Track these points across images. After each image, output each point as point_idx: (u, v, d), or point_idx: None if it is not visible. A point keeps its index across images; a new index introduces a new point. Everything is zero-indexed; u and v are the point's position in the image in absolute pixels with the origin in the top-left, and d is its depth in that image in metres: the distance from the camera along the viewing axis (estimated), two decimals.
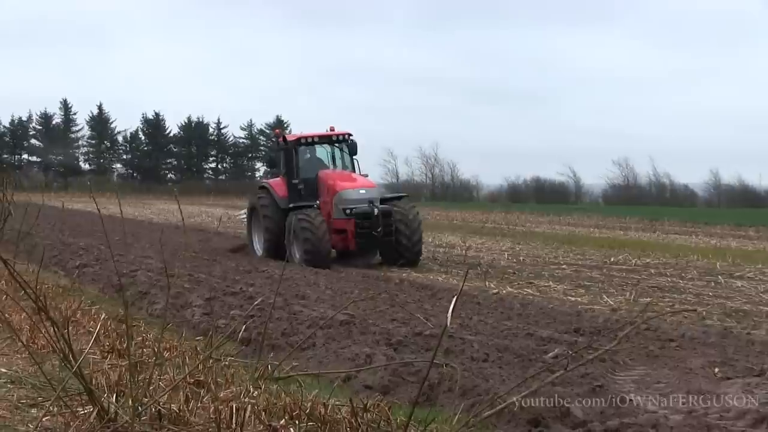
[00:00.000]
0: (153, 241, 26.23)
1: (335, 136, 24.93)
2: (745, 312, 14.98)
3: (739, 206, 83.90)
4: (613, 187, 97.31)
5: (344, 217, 22.43)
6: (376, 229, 22.04)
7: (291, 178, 24.05)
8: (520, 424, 7.47)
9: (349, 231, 22.41)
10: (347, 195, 22.70)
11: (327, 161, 25.41)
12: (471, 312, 14.03)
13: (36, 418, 6.56)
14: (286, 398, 7.07)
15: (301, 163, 24.45)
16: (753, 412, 7.75)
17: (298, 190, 23.79)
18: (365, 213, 22.16)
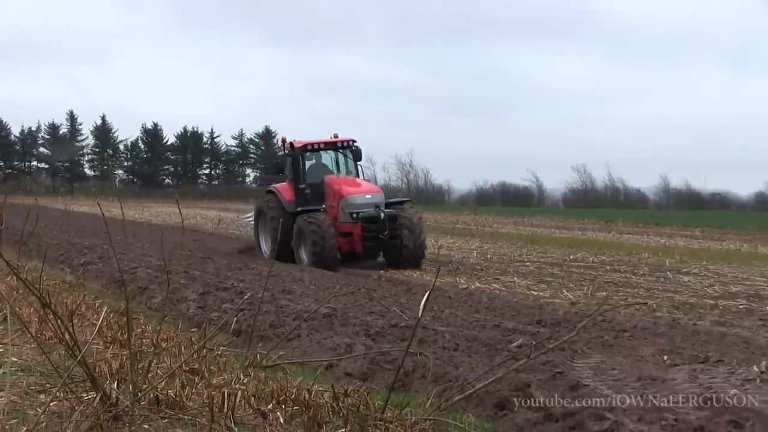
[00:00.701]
0: (152, 241, 26.20)
1: (340, 143, 24.23)
2: (691, 305, 15.06)
3: (685, 208, 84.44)
4: (572, 191, 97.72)
5: (351, 220, 21.76)
6: (383, 232, 21.40)
7: (298, 183, 23.38)
8: (487, 407, 7.49)
9: (355, 234, 21.78)
10: (354, 200, 22.02)
11: (331, 167, 24.58)
12: (443, 305, 14.06)
13: (44, 403, 6.53)
14: (274, 384, 7.07)
15: (307, 169, 23.85)
16: (698, 395, 7.80)
17: (304, 195, 23.13)
18: (372, 217, 21.53)
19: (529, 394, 7.70)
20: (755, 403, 7.63)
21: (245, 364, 7.97)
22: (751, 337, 11.63)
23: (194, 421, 6.09)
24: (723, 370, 9.09)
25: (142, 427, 5.83)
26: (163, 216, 48.71)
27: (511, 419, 7.25)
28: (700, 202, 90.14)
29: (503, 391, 7.66)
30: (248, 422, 6.08)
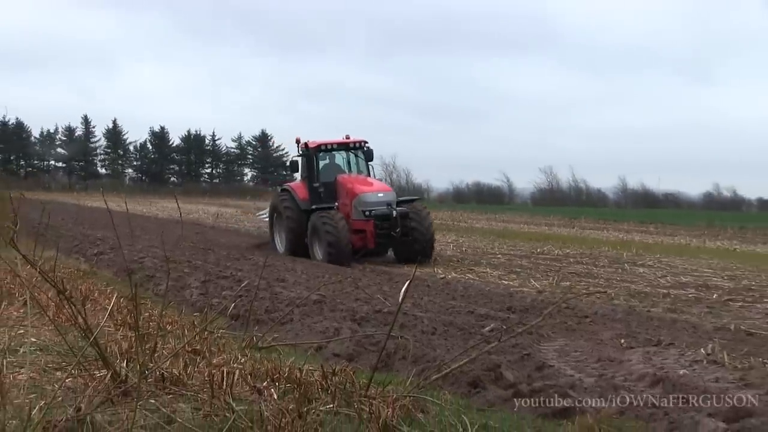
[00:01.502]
0: (158, 234, 26.05)
1: (352, 144, 23.25)
2: (645, 293, 15.13)
3: (641, 207, 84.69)
4: (539, 190, 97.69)
5: (363, 218, 20.70)
6: (395, 229, 20.39)
7: (312, 181, 22.29)
8: (462, 385, 7.51)
9: (368, 231, 20.65)
10: (366, 198, 20.98)
11: (344, 166, 23.43)
12: (422, 293, 14.08)
13: (60, 379, 6.52)
14: (268, 364, 7.07)
15: (320, 168, 22.69)
16: (651, 375, 7.86)
17: (318, 193, 21.98)
18: (385, 215, 20.52)
19: (499, 374, 7.73)
20: (702, 382, 7.69)
21: (242, 345, 7.96)
22: (698, 322, 11.69)
23: (196, 396, 6.09)
24: (674, 352, 9.15)
25: (149, 402, 5.82)
26: (169, 211, 48.46)
27: (483, 396, 7.27)
28: (654, 201, 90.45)
29: (476, 371, 7.69)
30: (245, 398, 6.08)
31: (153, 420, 5.58)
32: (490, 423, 6.03)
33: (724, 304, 13.93)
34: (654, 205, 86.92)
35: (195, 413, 5.76)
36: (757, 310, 13.13)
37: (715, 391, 7.24)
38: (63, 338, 7.04)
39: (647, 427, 6.26)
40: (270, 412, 5.32)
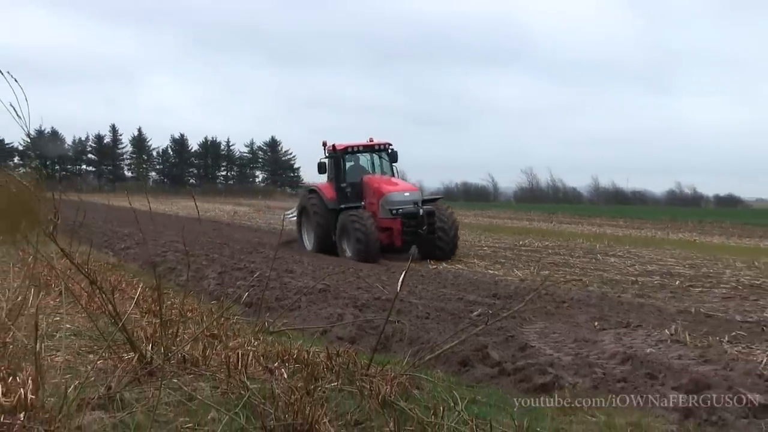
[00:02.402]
0: (179, 230, 26.03)
1: (376, 146, 21.84)
2: (616, 281, 15.13)
3: (612, 203, 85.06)
4: (521, 189, 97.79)
5: (390, 216, 19.38)
6: (421, 227, 19.07)
7: (339, 182, 20.97)
8: (453, 364, 7.52)
9: (395, 229, 19.34)
10: (393, 197, 19.62)
11: (368, 167, 22.04)
12: (416, 282, 14.08)
13: (92, 361, 6.51)
14: (279, 347, 7.07)
15: (347, 169, 21.52)
16: (621, 353, 7.86)
17: (345, 193, 20.74)
18: (412, 213, 19.18)
19: (486, 353, 7.75)
20: (667, 359, 7.70)
21: (255, 330, 7.95)
22: (663, 306, 11.70)
23: (214, 376, 6.09)
24: (641, 333, 9.16)
25: (172, 382, 5.82)
26: (188, 210, 48.39)
27: (471, 374, 7.29)
28: (623, 198, 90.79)
29: (465, 351, 7.70)
30: (258, 377, 6.08)
31: (176, 397, 5.58)
32: (478, 398, 6.04)
33: (685, 289, 13.94)
34: (623, 202, 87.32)
35: (213, 391, 5.76)
36: (715, 295, 13.15)
37: (678, 367, 7.27)
38: (94, 324, 7.04)
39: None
40: (281, 390, 5.32)
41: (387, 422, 5.15)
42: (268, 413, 5.03)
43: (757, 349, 8.25)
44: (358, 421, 5.19)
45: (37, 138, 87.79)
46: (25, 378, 5.30)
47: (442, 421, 5.10)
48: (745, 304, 12.06)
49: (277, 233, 25.55)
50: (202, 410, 5.29)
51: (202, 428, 5.03)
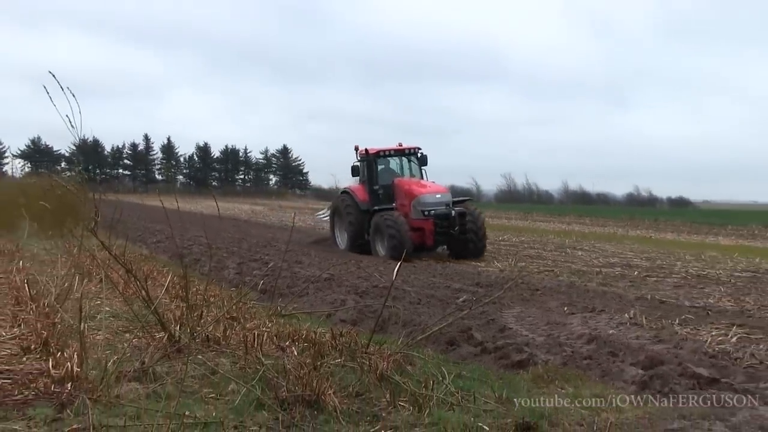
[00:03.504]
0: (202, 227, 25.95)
1: (406, 150, 20.22)
2: (583, 271, 15.13)
3: (579, 204, 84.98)
4: (501, 191, 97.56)
5: (422, 217, 17.83)
6: (454, 228, 17.66)
7: (372, 184, 19.41)
8: (441, 343, 7.52)
9: (426, 229, 17.80)
10: (426, 199, 18.06)
11: (397, 170, 20.39)
12: (409, 273, 14.07)
13: (128, 339, 6.51)
14: (290, 328, 7.08)
15: (378, 172, 19.94)
16: (587, 334, 7.88)
17: (377, 195, 19.20)
18: (444, 214, 17.75)
19: (470, 334, 7.76)
20: (626, 339, 7.72)
21: (269, 313, 7.95)
22: (623, 293, 11.72)
23: (234, 353, 6.10)
24: (604, 316, 9.17)
25: (197, 357, 5.82)
26: (211, 209, 48.12)
27: (457, 352, 7.29)
28: (589, 200, 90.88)
29: (452, 332, 7.71)
30: (272, 354, 6.08)
31: (200, 371, 5.58)
32: (463, 373, 6.05)
33: (642, 279, 13.96)
34: (589, 203, 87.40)
35: (233, 366, 5.77)
36: (667, 284, 13.17)
37: (635, 346, 7.28)
38: (130, 308, 7.04)
39: (584, 374, 6.29)
40: (291, 365, 5.32)
41: (384, 394, 5.16)
42: (280, 385, 5.04)
43: (703, 330, 8.27)
44: (359, 393, 5.21)
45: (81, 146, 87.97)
46: (72, 353, 5.32)
47: (432, 392, 5.11)
48: (693, 291, 12.09)
49: (288, 229, 25.53)
50: (224, 382, 5.29)
51: (224, 398, 5.03)
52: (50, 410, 4.63)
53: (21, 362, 5.78)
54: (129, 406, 4.68)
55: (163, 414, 4.47)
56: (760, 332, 8.10)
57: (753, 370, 6.41)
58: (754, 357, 6.88)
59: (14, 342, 6.48)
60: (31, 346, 6.16)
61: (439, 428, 4.45)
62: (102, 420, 4.40)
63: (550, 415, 4.92)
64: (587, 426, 4.77)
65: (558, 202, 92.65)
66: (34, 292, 8.42)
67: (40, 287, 8.89)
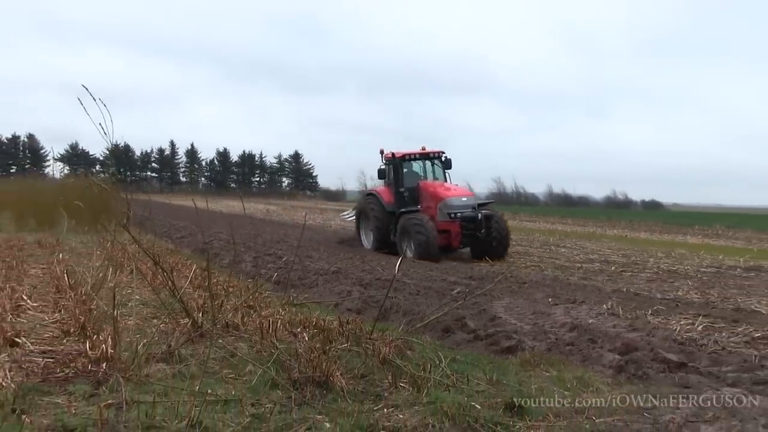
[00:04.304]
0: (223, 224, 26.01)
1: (431, 153, 18.91)
2: (566, 267, 15.13)
3: (562, 205, 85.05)
4: (492, 194, 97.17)
5: (448, 219, 16.61)
6: (480, 230, 16.38)
7: (398, 187, 18.13)
8: (437, 331, 7.53)
9: (452, 231, 16.60)
10: (452, 202, 16.86)
11: (421, 173, 18.96)
12: (409, 266, 14.03)
13: (156, 324, 6.54)
14: (301, 315, 7.08)
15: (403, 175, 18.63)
16: (569, 323, 7.88)
17: (403, 197, 17.98)
18: (471, 217, 16.50)
19: (464, 323, 7.76)
20: (604, 327, 7.72)
21: (282, 302, 7.97)
22: (602, 286, 11.71)
23: (251, 338, 6.11)
24: (585, 307, 9.16)
25: (218, 342, 5.83)
26: (230, 208, 48.16)
27: (453, 339, 7.30)
28: (571, 202, 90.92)
29: (448, 321, 7.71)
30: (285, 339, 6.09)
31: (221, 354, 5.59)
32: (457, 357, 6.06)
33: (619, 273, 13.95)
34: (571, 205, 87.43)
35: (250, 349, 5.78)
36: (641, 278, 13.16)
37: (612, 334, 7.28)
38: (157, 296, 7.06)
39: (567, 359, 6.29)
40: (302, 349, 5.34)
41: (386, 376, 5.17)
42: (293, 367, 5.05)
43: (672, 320, 8.27)
44: (364, 375, 5.22)
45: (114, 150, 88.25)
46: (106, 336, 5.34)
47: (429, 375, 5.12)
48: (663, 285, 12.08)
49: (299, 227, 25.52)
50: (242, 364, 5.30)
51: (242, 378, 5.05)
52: (88, 387, 4.66)
53: (62, 344, 5.81)
54: (157, 385, 4.70)
55: (188, 392, 4.48)
56: (722, 322, 8.10)
57: (716, 355, 6.42)
58: (717, 344, 6.89)
59: (56, 326, 6.51)
60: (71, 329, 6.19)
61: (435, 407, 4.46)
62: (133, 396, 4.42)
63: (536, 395, 4.93)
64: (569, 405, 4.78)
65: (543, 203, 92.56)
66: (72, 282, 8.46)
67: (78, 277, 8.92)
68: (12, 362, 5.18)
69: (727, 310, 9.16)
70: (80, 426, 3.97)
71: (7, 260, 11.13)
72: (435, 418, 4.28)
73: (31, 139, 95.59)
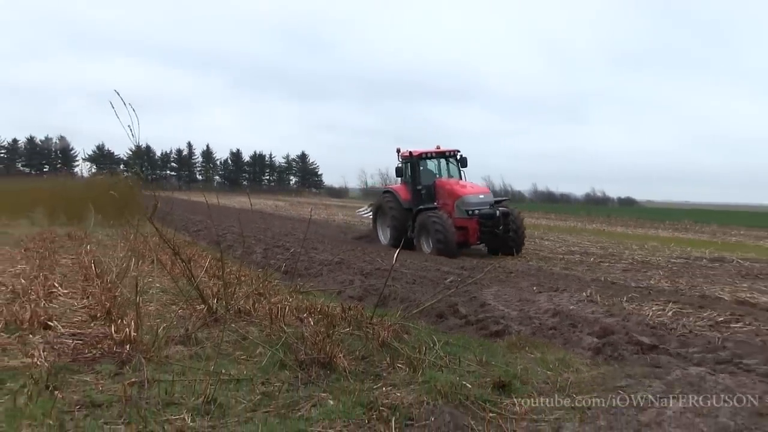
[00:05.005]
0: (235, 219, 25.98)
1: (447, 152, 17.87)
2: (549, 257, 15.15)
3: (546, 202, 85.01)
4: None
5: (466, 216, 15.76)
6: (498, 227, 15.50)
7: (416, 184, 17.22)
8: (432, 316, 7.53)
9: (470, 228, 15.69)
10: (470, 199, 15.96)
11: (436, 171, 17.98)
12: (405, 257, 14.02)
13: (175, 310, 6.53)
14: (307, 302, 7.07)
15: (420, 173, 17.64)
16: (552, 309, 7.88)
17: (420, 194, 17.04)
18: (489, 214, 15.59)
19: (456, 309, 7.76)
20: (584, 313, 7.73)
21: (290, 290, 7.97)
22: (582, 276, 11.74)
23: (261, 323, 6.10)
24: (566, 295, 9.18)
25: (230, 326, 5.84)
26: (242, 204, 48.20)
27: (446, 324, 7.30)
28: (554, 199, 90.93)
29: (441, 307, 7.71)
30: (292, 324, 6.09)
31: (234, 337, 5.60)
32: (450, 340, 6.06)
33: (597, 264, 13.98)
34: (554, 201, 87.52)
35: (260, 333, 5.78)
36: (617, 268, 13.19)
37: (591, 319, 7.29)
38: (176, 284, 7.07)
39: (550, 342, 6.30)
40: (308, 333, 5.34)
41: (385, 357, 5.18)
42: (299, 349, 5.05)
43: (645, 306, 8.28)
44: (364, 356, 5.22)
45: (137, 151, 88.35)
46: (129, 321, 5.35)
47: (424, 356, 5.13)
48: (637, 275, 12.11)
49: (306, 221, 25.51)
50: (253, 347, 5.31)
51: (253, 359, 5.04)
52: (113, 366, 4.67)
53: (89, 327, 5.82)
54: (176, 365, 4.70)
55: (204, 371, 4.49)
56: (690, 307, 8.12)
57: (684, 338, 6.44)
58: (685, 327, 6.91)
59: (84, 311, 6.52)
60: (97, 314, 6.20)
61: (430, 386, 4.47)
62: (154, 375, 4.43)
63: (521, 375, 4.94)
64: (551, 383, 4.79)
65: (529, 200, 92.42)
66: (99, 271, 8.46)
67: (104, 266, 8.93)
68: (45, 343, 5.20)
69: (694, 297, 9.19)
70: (106, 401, 3.99)
71: (40, 251, 11.14)
72: (429, 396, 4.29)
73: (62, 141, 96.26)
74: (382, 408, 4.06)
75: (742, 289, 10.31)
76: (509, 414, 4.12)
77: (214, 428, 3.70)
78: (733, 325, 7.05)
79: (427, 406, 4.12)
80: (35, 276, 8.31)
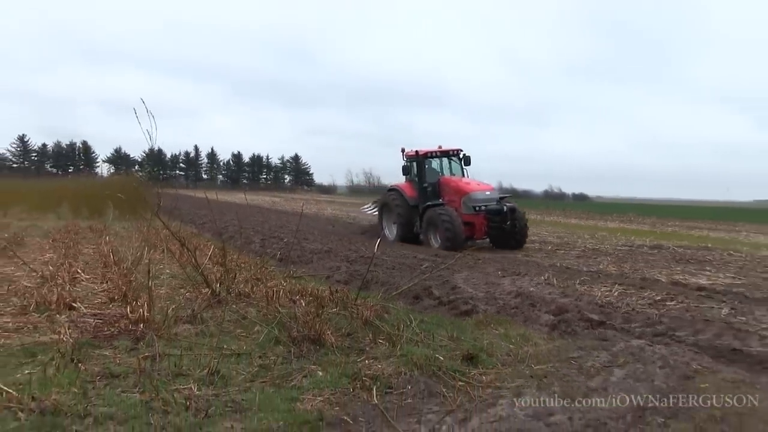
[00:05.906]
0: (235, 213, 25.80)
1: (450, 151, 16.73)
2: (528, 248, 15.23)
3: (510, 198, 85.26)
4: None
5: (472, 212, 14.71)
6: (506, 223, 14.51)
7: (422, 182, 16.11)
8: (409, 297, 7.55)
9: (476, 223, 14.67)
10: (477, 196, 14.92)
11: (439, 169, 16.73)
12: (386, 246, 14.00)
13: (182, 293, 6.50)
14: (299, 286, 7.07)
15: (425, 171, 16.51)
16: (514, 291, 7.95)
17: (425, 192, 15.94)
18: (497, 210, 14.58)
19: (430, 291, 7.78)
20: (542, 294, 7.81)
21: (284, 275, 7.96)
22: (540, 262, 11.83)
23: (258, 304, 6.09)
24: (527, 278, 9.24)
25: (231, 307, 5.84)
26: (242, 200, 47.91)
27: (421, 304, 7.32)
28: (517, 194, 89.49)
29: (417, 290, 7.73)
30: (286, 305, 6.07)
31: (234, 317, 5.59)
32: (425, 319, 6.09)
33: (554, 251, 14.09)
34: (517, 197, 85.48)
35: (258, 313, 5.77)
36: (572, 255, 13.31)
37: (548, 299, 7.37)
38: (184, 270, 7.03)
39: (512, 319, 6.37)
40: (300, 313, 5.35)
41: (368, 334, 5.20)
42: (292, 327, 5.06)
43: (595, 288, 8.39)
44: (349, 333, 5.24)
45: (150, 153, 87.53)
46: (143, 303, 5.33)
47: (402, 333, 5.16)
48: (589, 260, 12.23)
49: (298, 215, 25.39)
50: (251, 325, 5.31)
51: (251, 336, 5.05)
52: (129, 342, 4.67)
53: (108, 308, 5.79)
54: (184, 341, 4.70)
55: (208, 347, 4.49)
56: (633, 288, 8.24)
57: (628, 314, 6.54)
58: (628, 306, 7.01)
59: (103, 294, 6.48)
60: (115, 297, 6.17)
61: (407, 359, 4.50)
62: (165, 350, 4.43)
63: (487, 348, 4.99)
64: (513, 355, 4.85)
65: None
66: (116, 259, 8.39)
67: (121, 255, 8.86)
68: (70, 322, 5.21)
69: (636, 280, 9.32)
70: (123, 373, 4.00)
71: (65, 242, 11.08)
72: (407, 368, 4.33)
73: (85, 145, 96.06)
74: (365, 378, 4.09)
75: (676, 272, 10.48)
76: (476, 382, 4.18)
77: (217, 396, 3.71)
78: (668, 303, 7.17)
79: (404, 376, 4.16)
80: (61, 263, 8.26)
